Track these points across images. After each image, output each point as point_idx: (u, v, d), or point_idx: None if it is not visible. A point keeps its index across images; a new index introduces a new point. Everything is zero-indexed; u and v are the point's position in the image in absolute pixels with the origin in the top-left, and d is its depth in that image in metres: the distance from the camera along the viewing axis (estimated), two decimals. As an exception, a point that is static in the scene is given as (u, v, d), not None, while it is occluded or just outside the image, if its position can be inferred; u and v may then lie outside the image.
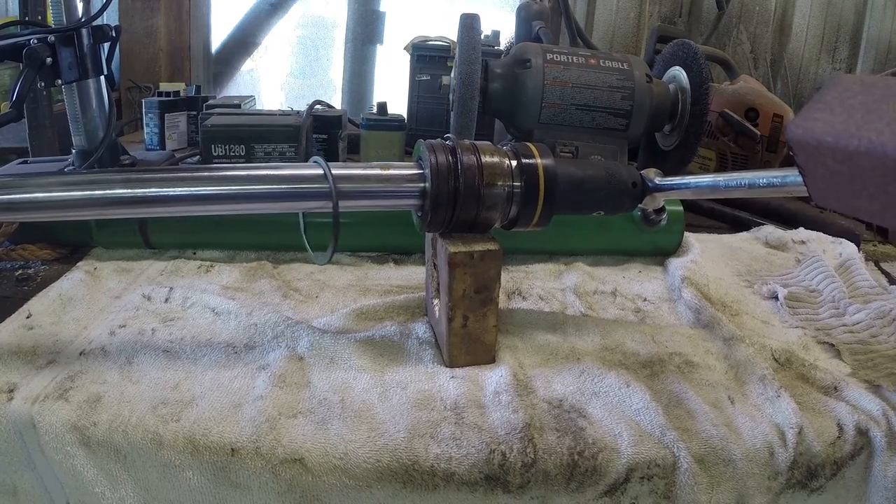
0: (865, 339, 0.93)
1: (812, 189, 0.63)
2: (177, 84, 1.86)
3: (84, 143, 1.11)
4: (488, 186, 0.80)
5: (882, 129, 0.53)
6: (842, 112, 0.56)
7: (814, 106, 0.59)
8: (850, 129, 0.54)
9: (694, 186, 0.89)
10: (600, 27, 2.34)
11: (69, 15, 1.04)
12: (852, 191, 0.58)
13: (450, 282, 0.78)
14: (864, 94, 0.56)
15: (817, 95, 0.60)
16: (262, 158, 1.30)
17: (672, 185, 0.90)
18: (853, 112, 0.55)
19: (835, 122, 0.56)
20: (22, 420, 0.68)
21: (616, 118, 1.32)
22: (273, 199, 0.81)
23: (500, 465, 0.66)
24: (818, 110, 0.58)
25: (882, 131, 0.52)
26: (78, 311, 0.90)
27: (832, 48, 2.41)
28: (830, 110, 0.57)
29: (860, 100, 0.56)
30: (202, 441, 0.66)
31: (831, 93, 0.58)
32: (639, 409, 0.74)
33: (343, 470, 0.65)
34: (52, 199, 0.77)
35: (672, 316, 0.99)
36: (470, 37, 1.23)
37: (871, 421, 0.74)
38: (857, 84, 0.57)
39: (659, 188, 0.90)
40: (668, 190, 0.90)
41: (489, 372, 0.80)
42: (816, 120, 0.58)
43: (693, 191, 0.89)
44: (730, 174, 0.84)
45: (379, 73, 2.38)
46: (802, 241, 1.26)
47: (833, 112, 0.57)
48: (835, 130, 0.56)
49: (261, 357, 0.82)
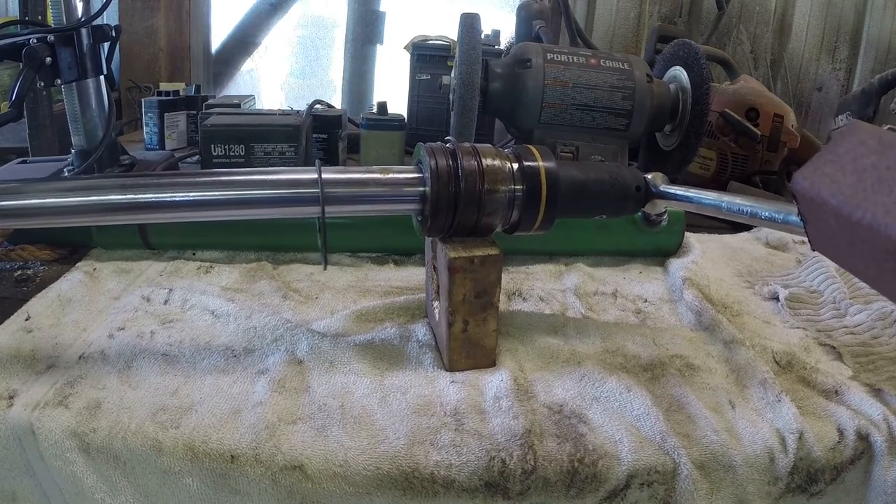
0: (867, 340, 0.93)
1: (811, 237, 0.63)
2: (177, 84, 1.86)
3: (84, 142, 1.11)
4: (489, 191, 0.79)
5: (890, 206, 0.51)
6: (852, 173, 0.55)
7: (825, 158, 0.57)
8: (856, 198, 0.53)
9: (696, 201, 0.87)
10: (600, 27, 2.33)
11: (69, 15, 1.04)
12: (850, 253, 0.58)
13: (450, 286, 0.77)
14: (878, 156, 0.54)
15: (831, 145, 0.58)
16: (262, 158, 1.30)
17: (676, 196, 0.89)
18: (863, 176, 0.54)
19: (843, 185, 0.55)
20: (21, 426, 0.68)
21: (616, 118, 1.31)
22: (268, 205, 0.81)
23: (500, 472, 0.66)
24: (828, 164, 0.57)
25: (889, 210, 0.51)
26: (77, 313, 0.90)
27: (832, 48, 2.41)
28: (841, 168, 0.55)
29: (873, 162, 0.54)
30: (202, 448, 0.66)
31: (845, 145, 0.57)
32: (639, 414, 0.74)
33: (343, 477, 0.65)
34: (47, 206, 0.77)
35: (673, 317, 0.99)
36: (470, 36, 1.22)
37: (872, 425, 0.74)
38: (873, 141, 0.55)
39: (662, 195, 0.90)
40: (671, 199, 0.90)
41: (489, 376, 0.80)
42: (825, 176, 0.56)
43: (695, 206, 0.88)
44: (735, 198, 0.82)
45: (379, 73, 2.38)
46: (803, 241, 1.26)
47: (843, 171, 0.55)
48: (841, 194, 0.54)
49: (260, 361, 0.81)
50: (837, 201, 0.54)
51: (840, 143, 0.57)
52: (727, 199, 0.83)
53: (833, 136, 2.30)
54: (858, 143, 0.56)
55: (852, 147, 0.56)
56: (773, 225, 0.77)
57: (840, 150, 0.57)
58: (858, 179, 0.54)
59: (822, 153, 0.58)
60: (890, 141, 0.54)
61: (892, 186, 0.52)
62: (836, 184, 0.55)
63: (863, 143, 0.56)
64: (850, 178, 0.54)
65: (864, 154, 0.55)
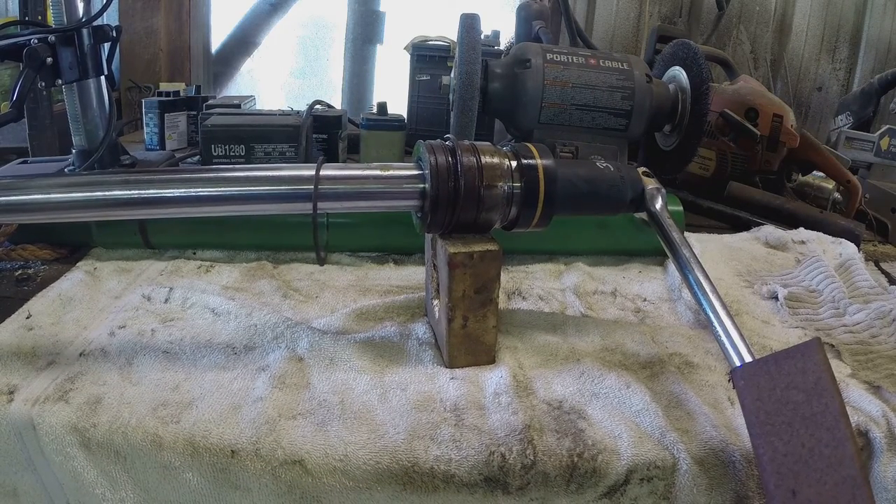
0: (865, 339, 0.93)
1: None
2: (177, 84, 1.86)
3: (84, 143, 1.11)
4: (488, 187, 0.79)
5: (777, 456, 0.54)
6: (776, 402, 0.57)
7: (767, 367, 0.59)
8: (764, 427, 0.56)
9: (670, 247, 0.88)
10: (600, 27, 2.33)
11: (69, 15, 1.04)
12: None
13: (449, 282, 0.77)
14: (805, 396, 0.56)
15: (783, 354, 0.60)
16: (262, 158, 1.30)
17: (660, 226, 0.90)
18: (783, 410, 0.56)
19: (763, 407, 0.57)
20: (22, 422, 0.68)
21: (616, 118, 1.31)
22: (268, 201, 0.82)
23: (500, 466, 0.66)
24: (766, 376, 0.59)
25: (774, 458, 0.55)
26: (78, 312, 0.90)
27: (832, 48, 2.41)
28: (772, 388, 0.58)
29: (799, 400, 0.56)
30: (202, 443, 0.66)
31: (791, 363, 0.59)
32: (639, 410, 0.74)
33: (343, 472, 0.65)
34: (50, 201, 0.77)
35: (672, 316, 0.99)
36: (470, 37, 1.23)
37: (871, 422, 0.74)
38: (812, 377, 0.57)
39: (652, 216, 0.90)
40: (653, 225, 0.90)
41: (489, 373, 0.80)
42: (756, 387, 0.59)
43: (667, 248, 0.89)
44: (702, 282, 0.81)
45: (379, 73, 2.38)
46: (802, 241, 1.26)
47: (773, 392, 0.57)
48: (756, 415, 0.58)
49: (260, 358, 0.82)
50: (751, 418, 0.58)
51: (789, 358, 0.59)
52: (694, 277, 0.82)
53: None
54: (802, 370, 0.58)
55: (794, 370, 0.58)
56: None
57: (785, 366, 0.59)
58: (777, 410, 0.56)
59: (770, 359, 0.60)
60: (824, 389, 0.56)
61: (793, 437, 0.54)
62: (760, 401, 0.58)
63: (805, 372, 0.58)
64: (772, 405, 0.57)
65: (797, 387, 0.57)
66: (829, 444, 0.54)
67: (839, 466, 0.54)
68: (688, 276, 0.82)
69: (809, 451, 0.54)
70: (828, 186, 1.58)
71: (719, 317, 0.76)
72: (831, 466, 0.54)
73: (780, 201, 1.44)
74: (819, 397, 0.57)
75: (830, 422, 0.55)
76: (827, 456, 0.54)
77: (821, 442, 0.54)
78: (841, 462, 0.54)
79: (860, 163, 1.77)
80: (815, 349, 0.60)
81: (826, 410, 0.56)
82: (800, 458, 0.54)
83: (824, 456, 0.54)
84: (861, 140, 1.76)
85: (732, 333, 0.73)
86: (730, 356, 0.72)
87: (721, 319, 0.76)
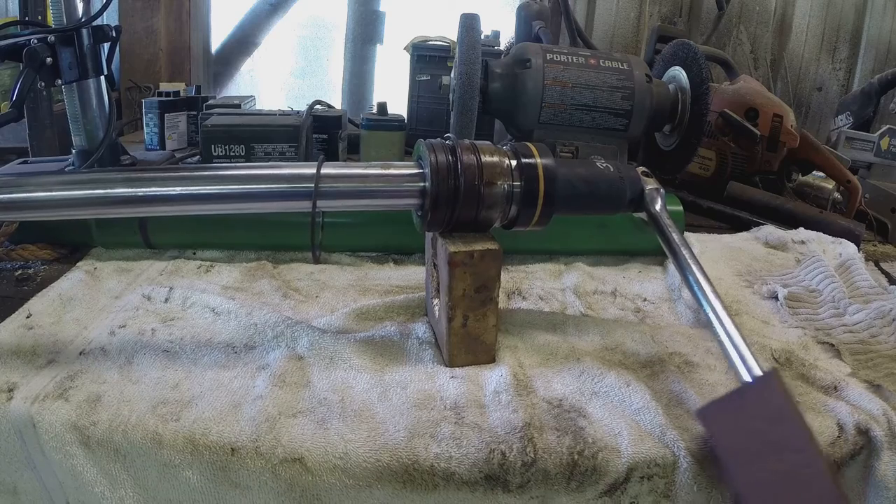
0: (865, 338, 0.93)
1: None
2: (177, 84, 1.86)
3: (84, 143, 1.11)
4: (488, 186, 0.80)
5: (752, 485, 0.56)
6: (744, 434, 0.59)
7: (729, 404, 0.61)
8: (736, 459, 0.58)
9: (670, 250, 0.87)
10: (600, 27, 2.34)
11: (69, 15, 1.04)
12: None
13: (450, 281, 0.77)
14: (770, 425, 0.58)
15: (739, 391, 0.62)
16: (262, 158, 1.30)
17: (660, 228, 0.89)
18: (751, 441, 0.58)
19: (731, 441, 0.59)
20: (22, 420, 0.68)
21: (616, 118, 1.32)
22: (269, 199, 0.82)
23: (500, 464, 0.66)
24: (730, 413, 0.60)
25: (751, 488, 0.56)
26: (78, 311, 0.90)
27: (832, 48, 2.41)
28: (736, 423, 0.59)
29: (764, 429, 0.58)
30: (202, 441, 0.66)
31: (751, 397, 0.61)
32: (639, 408, 0.74)
33: (343, 469, 0.65)
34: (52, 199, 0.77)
35: (672, 316, 0.99)
36: (470, 37, 1.23)
37: (872, 420, 0.74)
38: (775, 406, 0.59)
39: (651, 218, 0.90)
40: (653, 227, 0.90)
41: (489, 372, 0.80)
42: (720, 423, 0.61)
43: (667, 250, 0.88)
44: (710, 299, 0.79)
45: (379, 73, 2.38)
46: (802, 241, 1.26)
47: (738, 426, 0.59)
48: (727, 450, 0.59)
49: (261, 357, 0.82)
50: (723, 455, 0.59)
51: (748, 393, 0.61)
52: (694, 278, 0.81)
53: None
54: (763, 402, 0.60)
55: (756, 403, 0.60)
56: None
57: (746, 400, 0.61)
58: (746, 441, 0.58)
59: (731, 396, 0.62)
60: (788, 415, 0.58)
61: (765, 465, 0.56)
62: (728, 437, 0.60)
63: (767, 403, 0.60)
64: (739, 437, 0.59)
65: (761, 417, 0.59)
66: (799, 466, 0.56)
67: (813, 485, 0.56)
68: (688, 277, 0.82)
69: (783, 475, 0.56)
70: (828, 186, 1.58)
71: (720, 320, 0.76)
72: (806, 486, 0.55)
73: (780, 201, 1.44)
74: (782, 424, 0.58)
75: (798, 445, 0.57)
76: (800, 478, 0.56)
77: (793, 465, 0.56)
78: (813, 480, 0.56)
79: (860, 163, 1.77)
80: (773, 378, 0.62)
81: (792, 435, 0.58)
82: (774, 483, 0.56)
83: (798, 478, 0.56)
84: (861, 140, 1.76)
85: (735, 337, 0.73)
86: (733, 362, 0.72)
87: (723, 323, 0.75)
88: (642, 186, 0.89)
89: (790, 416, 0.59)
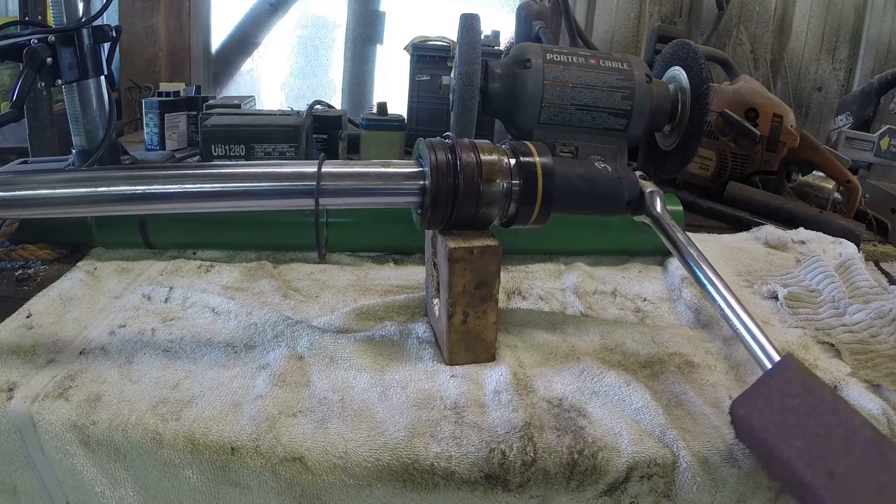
0: (865, 338, 0.93)
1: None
2: (177, 84, 1.86)
3: (84, 143, 1.11)
4: (487, 183, 0.80)
5: (801, 451, 0.59)
6: (779, 412, 0.62)
7: (759, 390, 0.64)
8: (778, 436, 0.60)
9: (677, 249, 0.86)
10: (600, 27, 2.34)
11: (69, 15, 1.04)
12: (773, 476, 0.67)
13: (450, 278, 0.78)
14: (800, 399, 0.61)
15: (764, 378, 0.65)
16: (262, 158, 1.30)
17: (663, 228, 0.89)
18: (787, 416, 0.61)
19: (770, 421, 0.62)
20: (22, 419, 0.68)
21: (616, 118, 1.32)
22: (271, 196, 0.82)
23: (500, 463, 0.66)
24: (761, 397, 0.64)
25: (800, 454, 0.59)
26: (78, 311, 0.90)
27: (832, 48, 2.41)
28: (770, 404, 0.63)
29: (795, 405, 0.61)
30: (202, 440, 0.66)
31: (776, 381, 0.64)
32: (639, 408, 0.74)
33: (343, 469, 0.65)
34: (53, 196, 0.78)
35: (672, 316, 0.99)
36: (470, 37, 1.23)
37: (872, 419, 0.74)
38: (797, 383, 0.63)
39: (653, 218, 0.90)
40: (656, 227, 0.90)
41: (489, 370, 0.80)
42: (756, 409, 0.63)
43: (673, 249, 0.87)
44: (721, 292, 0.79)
45: (379, 73, 2.38)
46: (802, 241, 1.26)
47: (772, 407, 0.62)
48: (767, 429, 0.62)
49: (261, 356, 0.82)
50: (764, 435, 0.62)
51: (772, 378, 0.64)
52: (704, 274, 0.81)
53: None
54: (786, 382, 0.63)
55: (781, 385, 0.63)
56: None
57: (772, 383, 0.64)
58: (783, 418, 0.61)
59: (758, 384, 0.65)
60: (812, 386, 0.62)
61: (806, 432, 0.59)
62: (765, 419, 0.62)
63: (790, 382, 0.63)
64: (776, 416, 0.62)
65: (790, 394, 0.62)
66: (839, 424, 0.59)
67: (857, 435, 0.58)
68: (698, 274, 0.82)
69: (825, 436, 0.58)
70: (828, 186, 1.58)
71: (735, 312, 0.76)
72: (850, 438, 0.58)
73: (779, 201, 1.44)
74: (812, 393, 0.61)
75: (832, 406, 0.60)
76: (842, 433, 0.58)
77: (831, 425, 0.59)
78: (857, 431, 0.59)
79: (860, 163, 1.77)
80: (790, 361, 0.65)
81: (823, 400, 0.60)
82: (820, 445, 0.58)
83: (840, 434, 0.58)
84: (861, 140, 1.76)
85: (751, 327, 0.73)
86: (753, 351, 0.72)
87: (738, 315, 0.76)
88: (641, 189, 0.89)
89: (817, 385, 0.61)
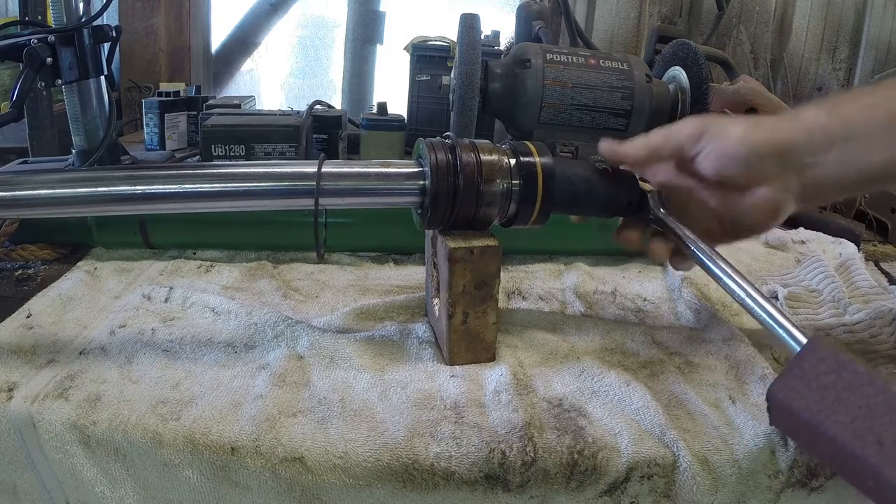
0: (865, 339, 0.93)
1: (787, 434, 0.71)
2: (177, 84, 1.86)
3: (84, 143, 1.11)
4: (487, 183, 0.80)
5: (846, 424, 0.59)
6: (817, 391, 0.62)
7: (793, 372, 0.64)
8: (821, 414, 0.60)
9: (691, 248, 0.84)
10: (600, 27, 2.33)
11: (69, 15, 1.04)
12: (820, 455, 0.66)
13: (450, 278, 0.78)
14: (836, 376, 0.61)
15: (796, 360, 0.65)
16: (262, 158, 1.30)
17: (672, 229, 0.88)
18: (825, 394, 0.61)
19: (810, 400, 0.62)
20: (21, 419, 0.68)
21: (616, 118, 1.32)
22: (270, 196, 0.82)
23: (500, 463, 0.66)
24: (796, 378, 0.64)
25: (846, 427, 0.59)
26: (78, 311, 0.90)
27: (832, 48, 2.41)
28: (807, 385, 0.63)
29: (832, 381, 0.61)
30: (202, 440, 0.66)
31: (808, 361, 0.64)
32: (639, 408, 0.74)
33: (343, 469, 0.65)
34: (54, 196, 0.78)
35: (672, 316, 0.99)
36: (470, 37, 1.23)
37: (872, 420, 0.74)
38: (831, 360, 0.62)
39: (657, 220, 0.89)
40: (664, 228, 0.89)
41: (489, 370, 0.80)
42: (794, 390, 0.63)
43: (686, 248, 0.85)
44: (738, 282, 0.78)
45: (379, 73, 2.38)
46: (802, 241, 1.26)
47: (809, 387, 0.62)
48: (809, 409, 0.62)
49: (261, 356, 0.82)
50: (808, 415, 0.61)
51: (804, 359, 0.64)
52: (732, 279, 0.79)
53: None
54: (819, 361, 0.63)
55: (814, 364, 0.63)
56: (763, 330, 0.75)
57: (805, 365, 0.64)
58: (822, 396, 0.61)
59: (791, 367, 0.65)
60: (845, 361, 0.62)
61: (848, 406, 0.59)
62: (805, 399, 0.62)
63: (823, 360, 0.63)
64: (815, 395, 0.62)
65: (825, 372, 0.62)
66: (877, 393, 0.59)
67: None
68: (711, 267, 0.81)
69: (867, 407, 0.59)
70: (828, 186, 1.58)
71: (756, 300, 0.75)
72: (892, 406, 0.58)
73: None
74: (846, 368, 0.61)
75: (867, 379, 0.60)
76: (883, 401, 0.59)
77: (871, 395, 0.59)
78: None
79: (860, 163, 1.76)
80: (819, 340, 0.65)
81: (857, 374, 0.61)
82: (864, 416, 0.59)
83: (881, 403, 0.59)
84: (861, 140, 1.75)
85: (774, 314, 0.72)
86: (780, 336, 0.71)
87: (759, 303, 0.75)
88: (641, 190, 0.89)
89: (849, 360, 0.62)
